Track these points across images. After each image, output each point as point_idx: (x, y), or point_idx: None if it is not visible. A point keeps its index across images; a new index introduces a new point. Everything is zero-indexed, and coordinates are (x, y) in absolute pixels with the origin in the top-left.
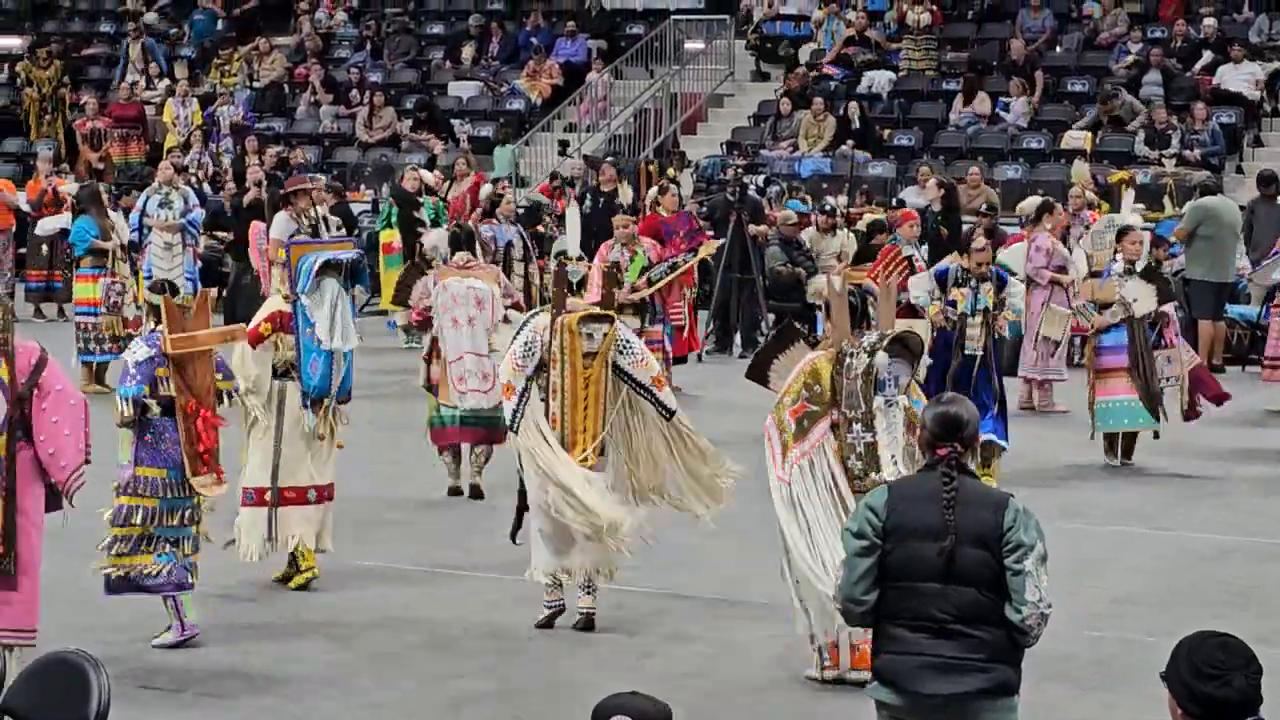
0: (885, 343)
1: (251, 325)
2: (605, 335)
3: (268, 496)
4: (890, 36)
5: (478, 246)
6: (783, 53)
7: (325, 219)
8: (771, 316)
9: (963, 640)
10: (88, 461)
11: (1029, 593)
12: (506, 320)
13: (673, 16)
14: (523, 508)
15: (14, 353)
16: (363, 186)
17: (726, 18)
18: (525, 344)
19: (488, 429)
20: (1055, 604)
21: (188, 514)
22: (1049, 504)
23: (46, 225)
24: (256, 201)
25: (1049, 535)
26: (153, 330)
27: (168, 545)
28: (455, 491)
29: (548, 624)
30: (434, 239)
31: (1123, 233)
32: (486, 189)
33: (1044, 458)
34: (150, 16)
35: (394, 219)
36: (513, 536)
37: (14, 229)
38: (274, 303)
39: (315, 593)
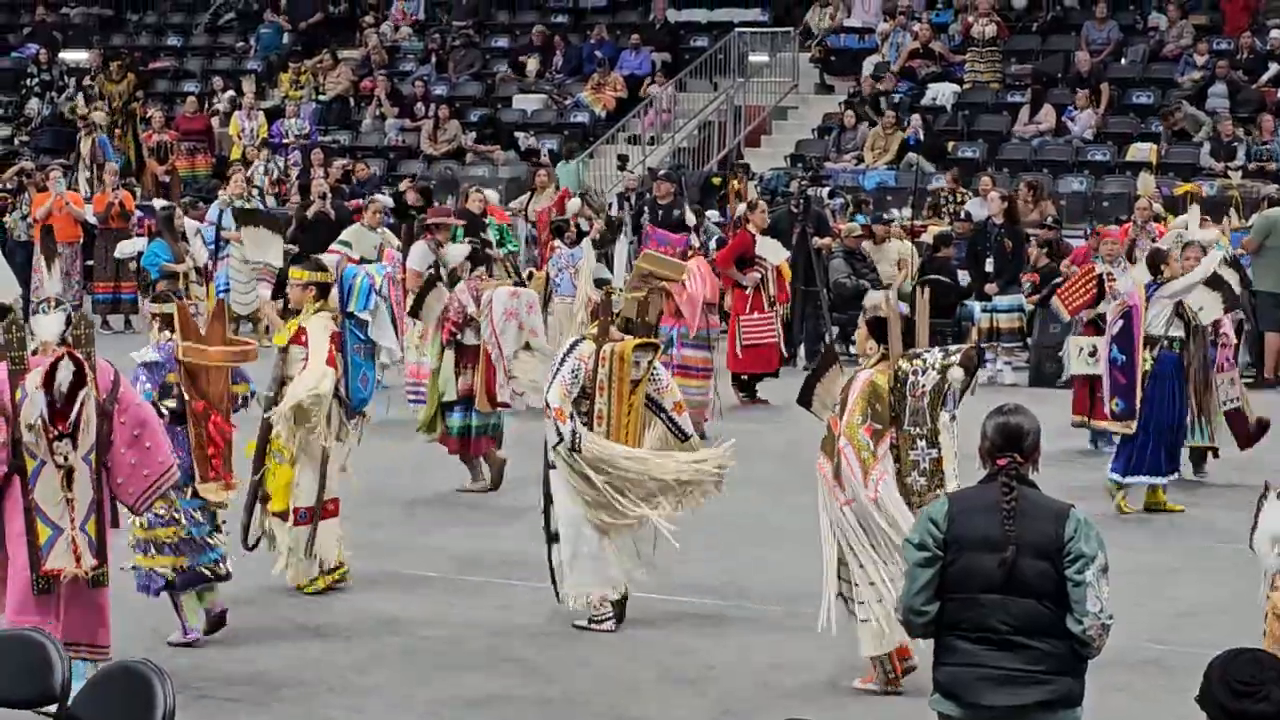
0: (958, 359)
1: (325, 355)
2: (648, 364)
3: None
4: (955, 49)
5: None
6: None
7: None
8: (835, 329)
9: (1023, 652)
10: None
11: (1090, 604)
12: (528, 347)
13: (737, 29)
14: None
15: (96, 368)
16: None
17: (790, 30)
18: (573, 371)
19: (498, 435)
20: (1120, 615)
21: (197, 516)
22: (1113, 516)
23: (125, 248)
24: (321, 214)
25: (1114, 547)
26: (169, 340)
27: (174, 548)
28: (483, 492)
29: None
30: (454, 254)
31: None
32: (574, 204)
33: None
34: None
35: (458, 239)
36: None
37: (81, 241)
38: (326, 323)
39: (358, 596)
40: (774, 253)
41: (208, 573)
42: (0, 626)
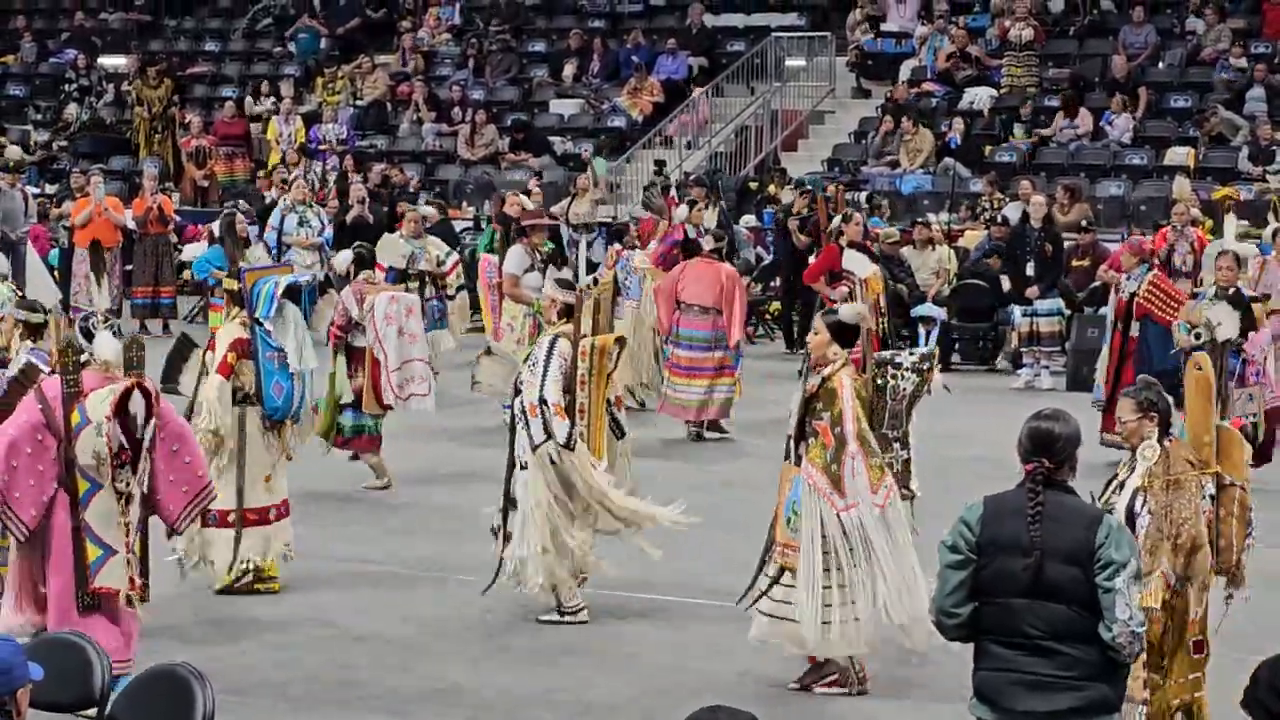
0: (935, 362)
1: (219, 358)
2: (617, 356)
3: (231, 519)
4: (991, 53)
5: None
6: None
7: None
8: None
9: (1056, 658)
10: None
11: (1119, 610)
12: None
13: (773, 34)
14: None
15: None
16: (464, 204)
17: (827, 34)
18: (560, 368)
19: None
20: None
21: None
22: None
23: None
24: (360, 219)
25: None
26: (34, 348)
27: None
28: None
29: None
30: (341, 259)
31: (1218, 256)
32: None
33: None
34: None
35: (496, 242)
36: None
37: (120, 246)
38: (233, 330)
39: (389, 598)
40: (861, 266)
41: None
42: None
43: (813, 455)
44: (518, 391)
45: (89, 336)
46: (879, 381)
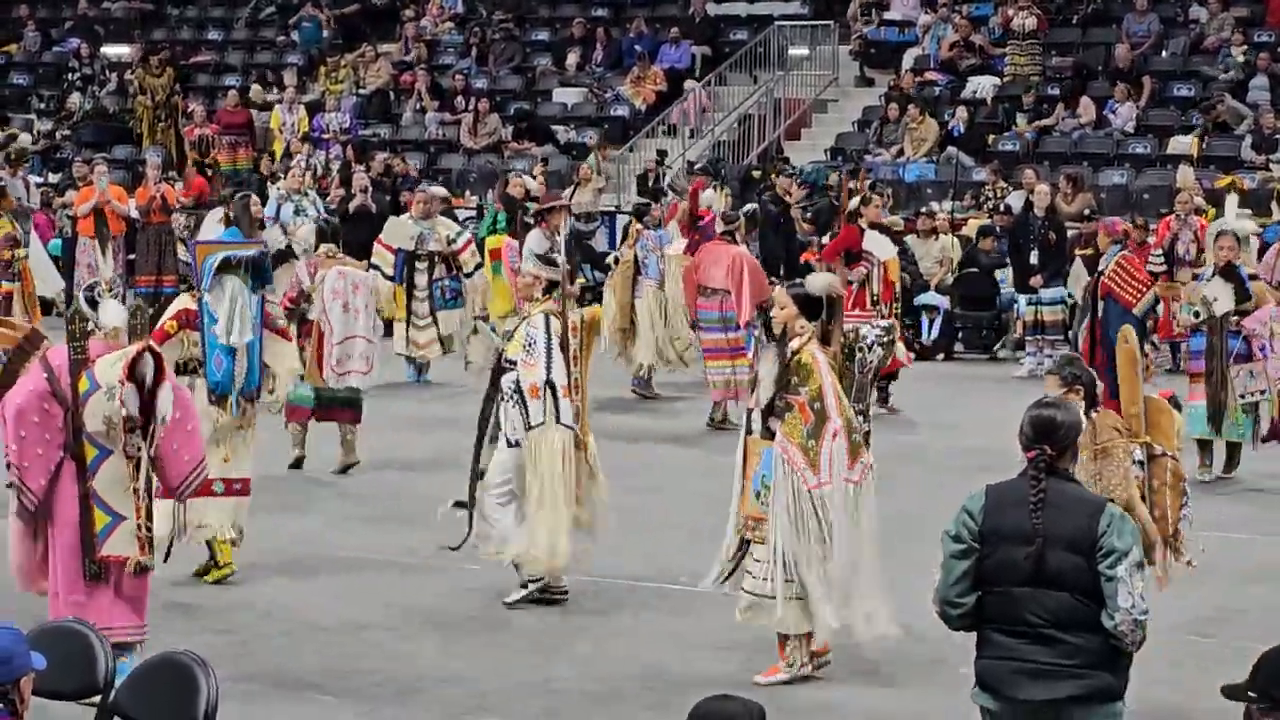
0: (896, 334)
1: (159, 324)
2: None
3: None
4: (995, 41)
5: None
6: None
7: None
8: None
9: (1057, 646)
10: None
11: (1122, 599)
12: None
13: (776, 22)
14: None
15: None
16: (468, 193)
17: (830, 23)
18: (559, 348)
19: (354, 409)
20: (1160, 610)
21: None
22: None
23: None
24: (362, 208)
25: None
26: None
27: None
28: (300, 462)
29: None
30: (304, 232)
31: (1218, 236)
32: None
33: None
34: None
35: (500, 225)
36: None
37: (124, 235)
38: (182, 301)
39: (396, 586)
40: (882, 248)
41: None
42: (48, 604)
43: (789, 429)
44: (501, 369)
45: (94, 305)
46: (847, 354)
